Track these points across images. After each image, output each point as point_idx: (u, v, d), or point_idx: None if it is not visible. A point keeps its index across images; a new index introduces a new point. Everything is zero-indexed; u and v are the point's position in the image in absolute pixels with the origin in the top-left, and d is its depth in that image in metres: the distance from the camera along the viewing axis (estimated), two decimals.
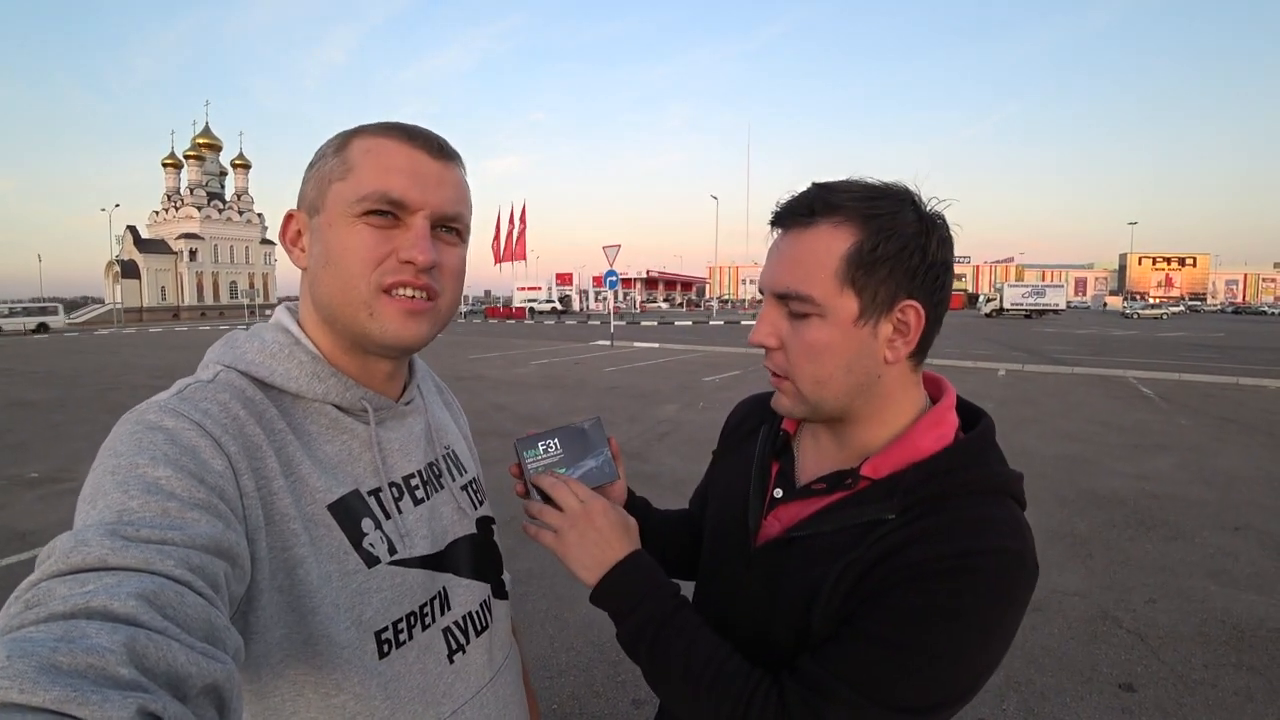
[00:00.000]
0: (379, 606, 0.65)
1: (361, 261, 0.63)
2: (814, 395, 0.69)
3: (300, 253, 0.68)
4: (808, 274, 0.66)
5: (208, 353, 0.68)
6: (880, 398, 0.70)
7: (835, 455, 0.75)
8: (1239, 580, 3.73)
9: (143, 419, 0.56)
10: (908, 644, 0.60)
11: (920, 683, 0.61)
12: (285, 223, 0.69)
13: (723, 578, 0.81)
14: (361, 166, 0.64)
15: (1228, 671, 2.85)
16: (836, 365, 0.67)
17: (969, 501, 0.65)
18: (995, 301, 49.23)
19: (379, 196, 0.63)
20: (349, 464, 0.67)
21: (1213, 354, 17.76)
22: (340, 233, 0.64)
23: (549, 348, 19.85)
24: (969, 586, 0.60)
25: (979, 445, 0.70)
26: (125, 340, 27.92)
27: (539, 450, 0.79)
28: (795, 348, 0.68)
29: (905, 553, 0.63)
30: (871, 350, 0.68)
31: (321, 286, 0.66)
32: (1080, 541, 4.30)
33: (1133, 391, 10.80)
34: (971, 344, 20.89)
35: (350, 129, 0.68)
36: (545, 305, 53.19)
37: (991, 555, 0.61)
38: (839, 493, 0.71)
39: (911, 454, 0.69)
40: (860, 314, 0.66)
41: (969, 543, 0.62)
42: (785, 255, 0.68)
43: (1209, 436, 7.44)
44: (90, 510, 0.48)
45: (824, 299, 0.66)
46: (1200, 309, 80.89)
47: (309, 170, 0.68)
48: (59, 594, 0.39)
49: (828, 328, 0.66)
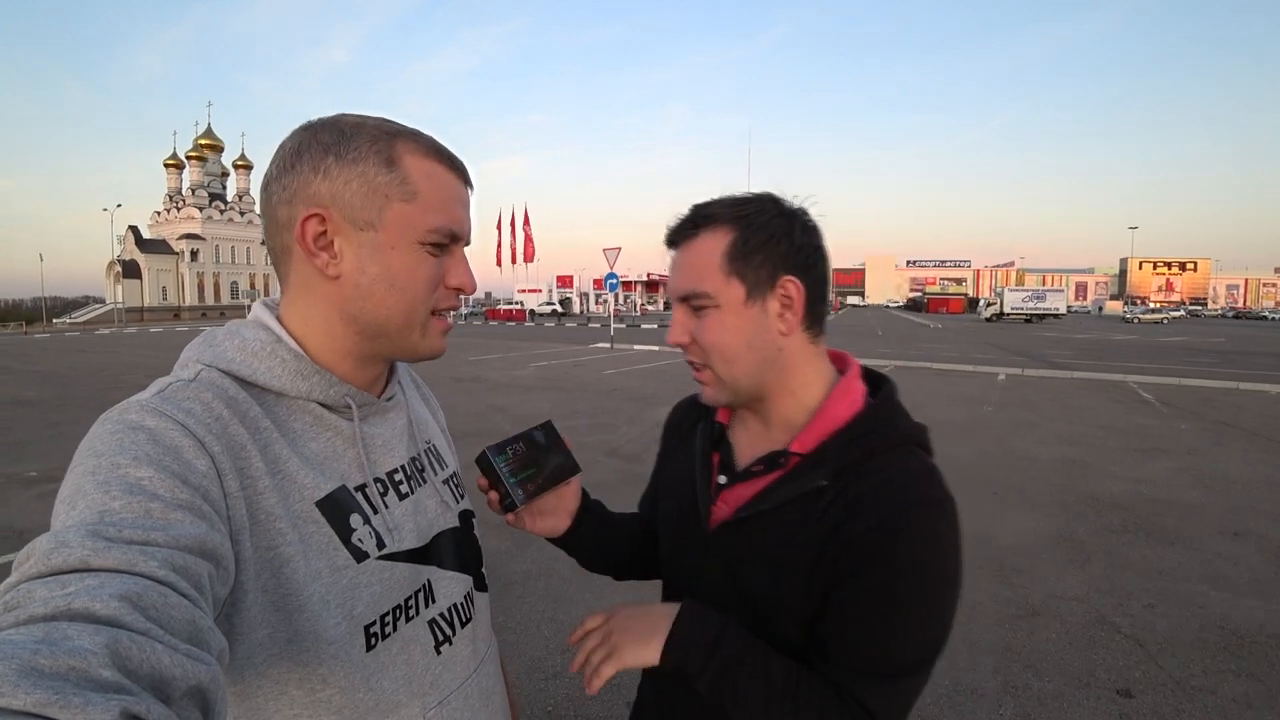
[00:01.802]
0: (369, 600, 0.65)
1: (427, 290, 0.67)
2: (728, 375, 0.79)
3: (330, 259, 0.64)
4: (700, 274, 0.77)
5: (185, 351, 0.66)
6: (786, 370, 0.80)
7: (764, 436, 0.84)
8: (1238, 586, 3.72)
9: (124, 418, 0.55)
10: (896, 610, 0.70)
11: (916, 639, 0.72)
12: (306, 222, 0.63)
13: (684, 565, 0.88)
14: (427, 194, 0.65)
15: (1227, 678, 2.84)
16: (739, 343, 0.78)
17: (886, 460, 0.76)
18: (995, 306, 49.33)
19: (448, 232, 0.67)
20: (334, 461, 0.67)
21: (1213, 359, 17.76)
22: (406, 258, 0.65)
23: (548, 350, 19.85)
24: (911, 541, 0.70)
25: (886, 407, 0.80)
26: (126, 340, 27.94)
27: (507, 454, 0.84)
28: (704, 338, 0.78)
29: (851, 524, 0.72)
30: (766, 326, 0.78)
31: (379, 306, 0.66)
32: (1079, 546, 4.29)
33: (1133, 396, 10.80)
34: (971, 348, 20.89)
35: (382, 130, 0.65)
36: (545, 308, 53.16)
37: (920, 507, 0.72)
38: (775, 472, 0.79)
39: (830, 425, 0.79)
40: (747, 295, 0.77)
41: (898, 501, 0.72)
42: (680, 265, 0.79)
43: (1209, 441, 7.43)
44: (70, 511, 0.47)
45: (715, 291, 0.76)
46: (1201, 314, 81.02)
47: (334, 163, 0.63)
48: (39, 596, 0.38)
49: (723, 314, 0.77)
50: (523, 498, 0.83)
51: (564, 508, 0.92)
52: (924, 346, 20.87)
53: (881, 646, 0.71)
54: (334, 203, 0.63)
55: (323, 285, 0.66)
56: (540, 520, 0.90)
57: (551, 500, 0.90)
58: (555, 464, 0.87)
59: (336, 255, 0.64)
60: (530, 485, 0.84)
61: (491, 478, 0.83)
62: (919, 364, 15.21)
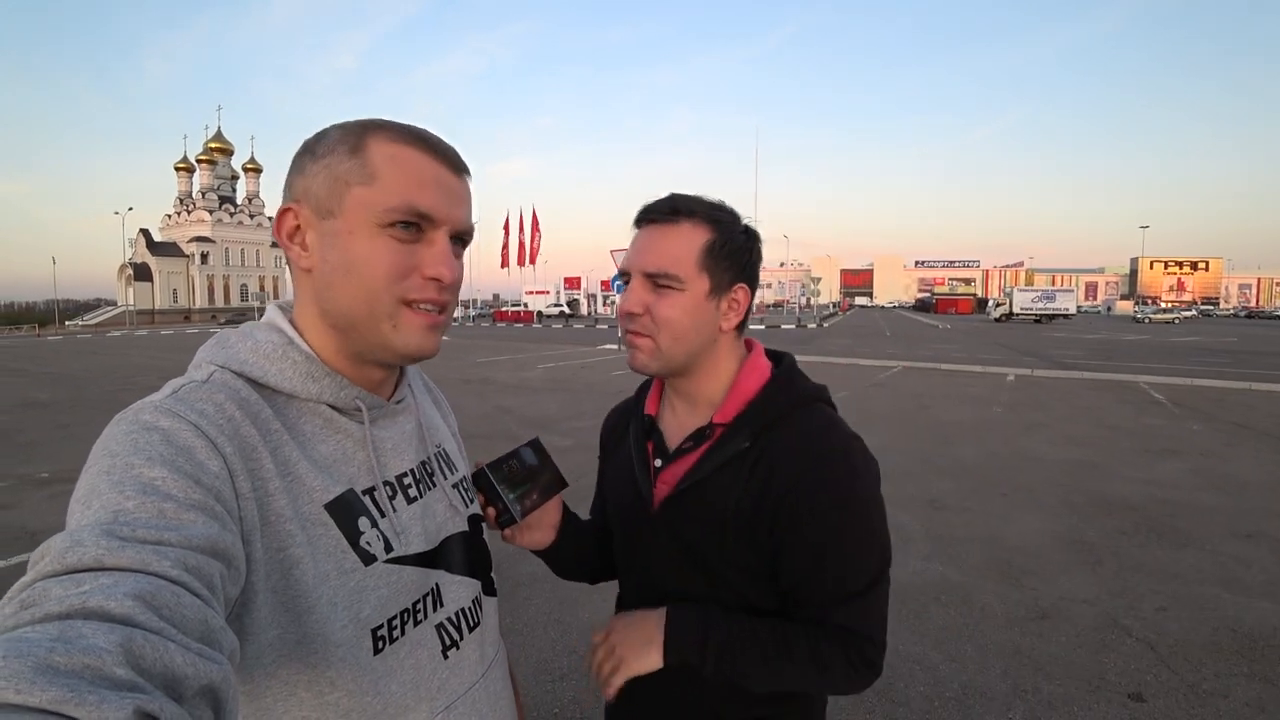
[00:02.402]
0: (376, 604, 0.65)
1: (387, 275, 0.63)
2: (669, 349, 0.87)
3: (302, 251, 0.66)
4: (675, 259, 0.85)
5: (199, 352, 0.67)
6: (714, 357, 0.92)
7: (689, 415, 0.94)
8: (1251, 588, 3.68)
9: (138, 419, 0.55)
10: (840, 543, 0.83)
11: (864, 560, 0.84)
12: (281, 217, 0.66)
13: (636, 547, 0.97)
14: (387, 175, 0.63)
15: (1239, 682, 2.81)
16: (690, 326, 0.87)
17: (795, 418, 0.88)
18: (1005, 306, 49.02)
19: (409, 210, 0.63)
20: (344, 463, 0.67)
21: (1225, 359, 17.58)
22: (363, 243, 0.63)
23: (556, 351, 19.87)
24: (835, 484, 0.83)
25: (787, 375, 0.94)
26: (137, 342, 28.16)
27: (504, 471, 0.87)
28: (661, 313, 0.86)
29: (778, 478, 0.84)
30: (713, 319, 0.89)
31: (339, 295, 0.64)
32: (1089, 547, 4.26)
33: (1144, 397, 10.71)
34: (980, 349, 20.77)
35: (358, 123, 0.66)
36: (553, 309, 53.20)
37: (833, 452, 0.85)
38: (704, 444, 0.90)
39: (744, 396, 0.91)
40: (710, 291, 0.87)
41: (813, 452, 0.84)
42: (655, 244, 0.87)
43: (1221, 442, 7.36)
44: (85, 510, 0.48)
45: (687, 278, 0.85)
46: (1213, 314, 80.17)
47: (310, 161, 0.65)
48: (55, 594, 0.39)
49: (686, 299, 0.86)
50: (520, 513, 0.86)
51: (549, 521, 0.96)
52: (932, 347, 20.77)
53: (839, 578, 0.83)
54: (304, 196, 0.65)
55: (303, 280, 0.67)
56: (528, 534, 0.93)
57: (538, 514, 0.93)
58: (546, 479, 0.91)
59: (307, 247, 0.65)
60: (526, 501, 0.87)
61: (489, 494, 0.85)
62: (927, 364, 15.13)
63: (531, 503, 0.88)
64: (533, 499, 0.88)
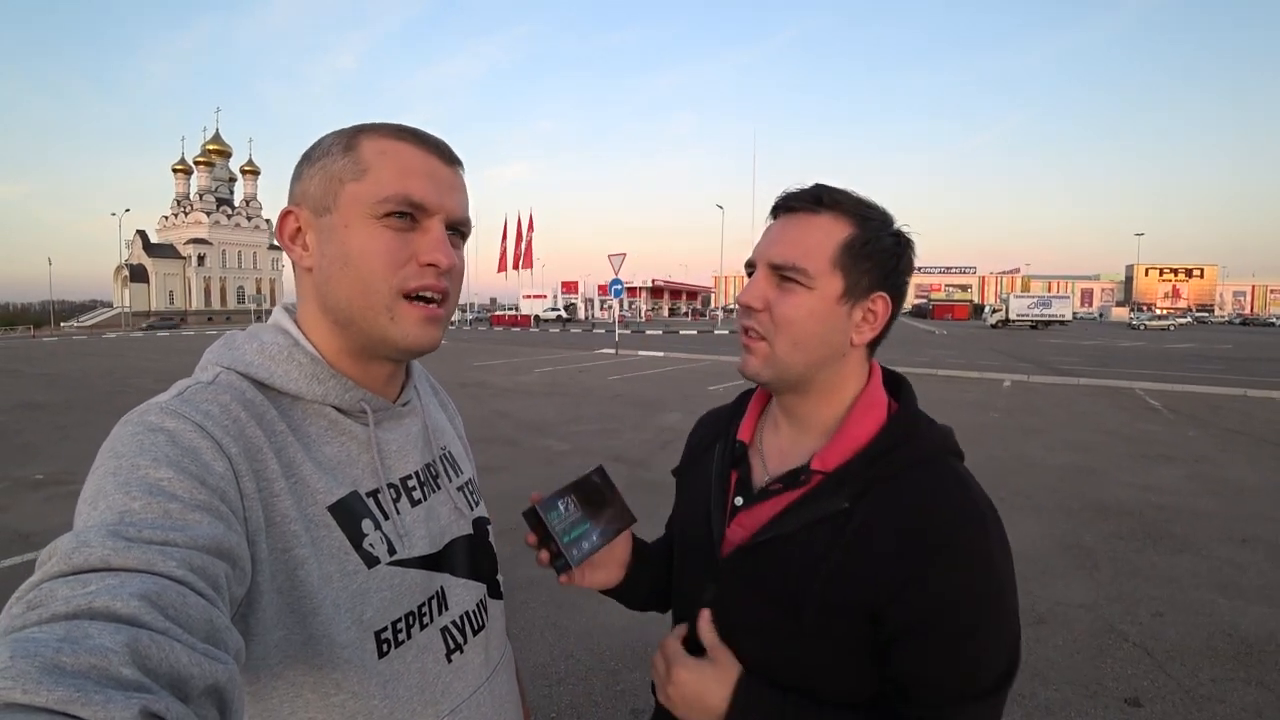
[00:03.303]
0: (379, 606, 0.65)
1: (384, 264, 0.64)
2: (786, 357, 0.76)
3: (304, 251, 0.67)
4: (807, 252, 0.74)
5: (206, 354, 0.68)
6: (839, 375, 0.79)
7: (795, 440, 0.81)
8: (1247, 593, 3.70)
9: (144, 420, 0.56)
10: (971, 637, 0.68)
11: (996, 656, 0.70)
12: (283, 219, 0.68)
13: (692, 592, 0.83)
14: (378, 168, 0.64)
15: (1236, 686, 2.82)
16: (814, 332, 0.75)
17: (914, 478, 0.73)
18: (1001, 312, 49.11)
19: (401, 199, 0.64)
20: (348, 465, 0.67)
21: (1220, 365, 17.65)
22: (359, 234, 0.64)
23: (553, 355, 19.87)
24: (967, 565, 0.68)
25: (906, 420, 0.78)
26: (132, 344, 28.07)
27: (560, 511, 0.78)
28: (782, 312, 0.75)
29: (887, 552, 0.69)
30: (844, 328, 0.76)
31: (338, 288, 0.65)
32: (1086, 553, 4.27)
33: (1140, 403, 10.74)
34: (977, 355, 20.82)
35: (352, 127, 0.67)
36: (550, 313, 53.22)
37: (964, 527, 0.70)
38: (795, 490, 0.76)
39: (853, 443, 0.76)
40: (844, 294, 0.75)
41: (940, 526, 0.69)
42: (788, 234, 0.76)
43: (1217, 448, 7.39)
44: (92, 511, 0.48)
45: (817, 274, 0.74)
46: (1208, 320, 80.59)
47: (307, 166, 0.67)
48: (61, 595, 0.39)
49: (814, 299, 0.75)
50: (577, 558, 0.77)
51: (616, 559, 0.87)
52: (929, 353, 20.81)
53: (965, 675, 0.69)
54: (303, 198, 0.67)
55: (305, 280, 0.69)
56: (591, 574, 0.85)
57: (604, 552, 0.84)
58: (609, 517, 0.82)
59: (308, 247, 0.67)
60: (584, 543, 0.78)
61: (541, 534, 0.76)
62: (924, 370, 15.16)
63: (590, 545, 0.78)
64: (591, 541, 0.79)
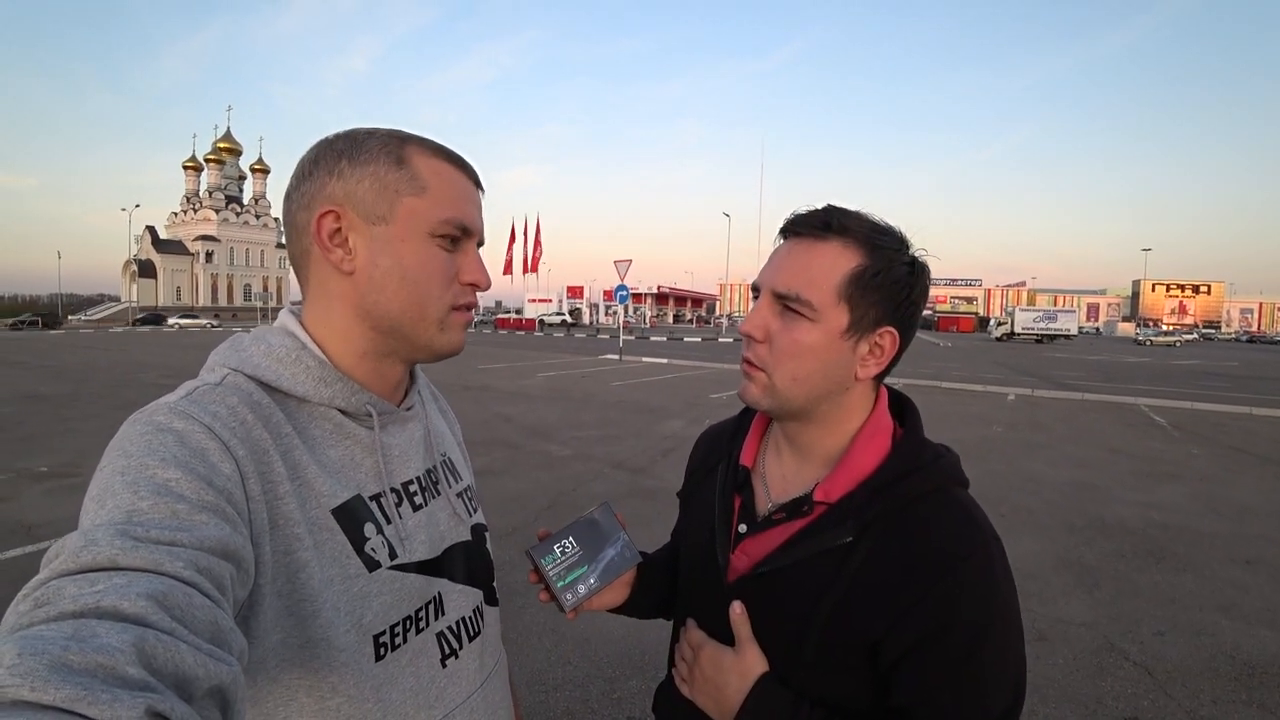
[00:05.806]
0: (378, 610, 0.65)
1: (441, 282, 0.68)
2: (786, 390, 0.74)
3: (345, 255, 0.66)
4: (812, 282, 0.71)
5: (212, 355, 0.68)
6: (842, 409, 0.76)
7: (798, 467, 0.80)
8: (1250, 615, 3.67)
9: (152, 420, 0.56)
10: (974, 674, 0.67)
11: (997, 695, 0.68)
12: (321, 219, 0.65)
13: (699, 616, 0.83)
14: (436, 189, 0.67)
15: (1237, 709, 2.79)
16: (815, 368, 0.73)
17: (918, 511, 0.71)
18: (1006, 325, 49.05)
19: (457, 223, 0.68)
20: (352, 469, 0.68)
21: (1226, 383, 17.57)
22: (417, 251, 0.66)
23: (557, 360, 19.89)
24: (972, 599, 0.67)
25: (911, 449, 0.76)
26: (138, 338, 28.19)
27: (556, 554, 0.79)
28: (781, 344, 0.73)
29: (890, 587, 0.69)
30: (848, 363, 0.74)
31: (391, 300, 0.67)
32: (1087, 570, 4.24)
33: (1144, 419, 10.69)
34: (981, 368, 20.76)
35: (392, 135, 0.68)
36: (555, 318, 53.30)
37: (968, 561, 0.68)
38: (798, 521, 0.75)
39: (856, 474, 0.74)
40: (849, 328, 0.72)
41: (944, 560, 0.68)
42: (793, 261, 0.73)
43: (1221, 467, 7.34)
44: (99, 510, 0.49)
45: (822, 307, 0.71)
46: (1214, 337, 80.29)
47: (349, 166, 0.66)
48: (69, 593, 0.39)
49: (817, 332, 0.72)
50: (571, 602, 0.78)
51: (620, 579, 0.88)
52: (933, 365, 20.76)
53: (973, 706, 0.68)
54: (348, 200, 0.66)
55: (339, 283, 0.68)
56: (598, 597, 0.85)
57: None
58: (609, 559, 0.82)
59: (351, 251, 0.66)
60: (581, 586, 0.79)
61: (540, 576, 0.79)
62: (928, 382, 15.12)
63: (588, 588, 0.79)
64: (589, 584, 0.79)
